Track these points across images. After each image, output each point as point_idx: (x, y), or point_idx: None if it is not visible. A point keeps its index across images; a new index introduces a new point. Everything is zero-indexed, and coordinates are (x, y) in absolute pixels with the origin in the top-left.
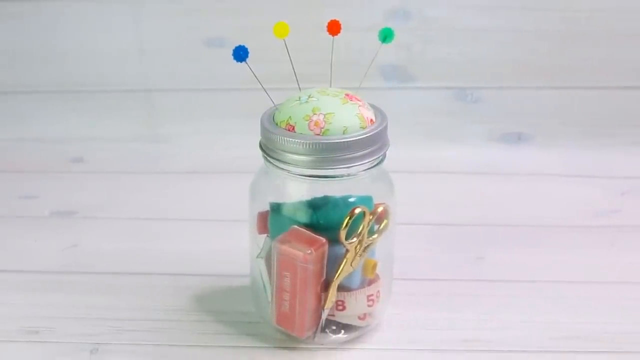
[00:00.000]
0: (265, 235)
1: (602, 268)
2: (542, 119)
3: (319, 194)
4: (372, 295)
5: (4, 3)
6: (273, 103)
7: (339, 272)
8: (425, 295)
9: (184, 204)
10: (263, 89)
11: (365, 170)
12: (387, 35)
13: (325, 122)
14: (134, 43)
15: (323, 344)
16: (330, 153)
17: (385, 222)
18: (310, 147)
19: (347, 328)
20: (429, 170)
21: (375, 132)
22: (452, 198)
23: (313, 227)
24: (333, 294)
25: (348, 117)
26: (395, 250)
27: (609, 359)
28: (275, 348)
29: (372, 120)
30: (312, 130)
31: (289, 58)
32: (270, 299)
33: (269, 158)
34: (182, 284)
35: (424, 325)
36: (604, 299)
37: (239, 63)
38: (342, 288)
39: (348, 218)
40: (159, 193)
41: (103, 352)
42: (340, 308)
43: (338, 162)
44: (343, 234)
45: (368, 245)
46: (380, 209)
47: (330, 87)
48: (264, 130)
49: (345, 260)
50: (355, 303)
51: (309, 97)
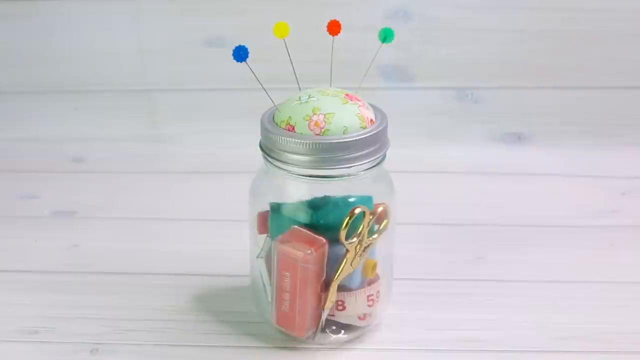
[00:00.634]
0: (265, 235)
1: (602, 268)
2: (542, 119)
3: (319, 194)
4: (372, 295)
5: (4, 3)
6: (273, 103)
7: (339, 272)
8: (425, 295)
9: (184, 204)
10: (263, 89)
11: (365, 170)
12: (387, 35)
13: (325, 122)
14: (134, 43)
15: (323, 344)
16: (330, 153)
17: (385, 222)
18: (310, 147)
19: (347, 328)
20: (429, 170)
21: (375, 132)
22: (452, 198)
23: (313, 227)
24: (333, 294)
25: (348, 117)
26: (395, 250)
27: (609, 359)
28: (275, 348)
29: (372, 120)
30: (312, 130)
31: (289, 58)
32: (270, 299)
33: (269, 158)
34: (182, 284)
35: (424, 325)
36: (604, 299)
37: (239, 63)
38: (342, 288)
39: (348, 218)
40: (159, 193)
41: (103, 352)
42: (340, 308)
43: (338, 162)
44: (343, 234)
45: (368, 245)
46: (380, 209)
47: (330, 87)
48: (264, 130)
49: (345, 260)
50: (355, 303)
51: (309, 97)
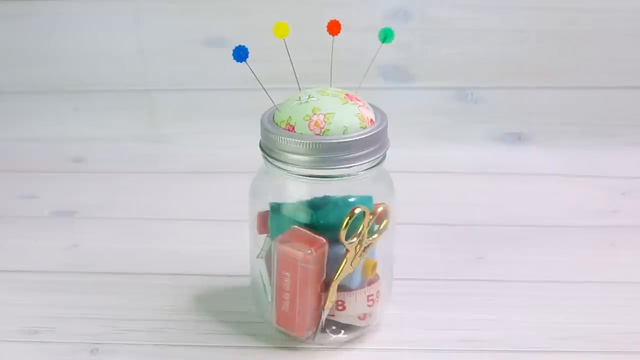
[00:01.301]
0: (265, 235)
1: (602, 268)
2: (542, 119)
3: (319, 194)
4: (372, 295)
5: (4, 3)
6: (273, 103)
7: (339, 272)
8: (425, 295)
9: (184, 204)
10: (263, 89)
11: (366, 170)
12: (387, 35)
13: (325, 122)
14: (134, 43)
15: (323, 344)
16: (330, 153)
17: (385, 222)
18: (310, 147)
19: (347, 328)
20: (429, 170)
21: (375, 132)
22: (452, 198)
23: (313, 227)
24: (333, 294)
25: (348, 117)
26: (395, 250)
27: (609, 359)
28: (275, 348)
29: (372, 120)
30: (312, 130)
31: (289, 58)
32: (271, 299)
33: (269, 158)
34: (182, 284)
35: (424, 325)
36: (604, 299)
37: (239, 63)
38: (342, 288)
39: (348, 218)
40: (159, 193)
41: (103, 352)
42: (340, 308)
43: (338, 162)
44: (343, 234)
45: (368, 245)
46: (380, 209)
47: (330, 87)
48: (264, 130)
49: (345, 260)
50: (355, 303)
51: (309, 97)
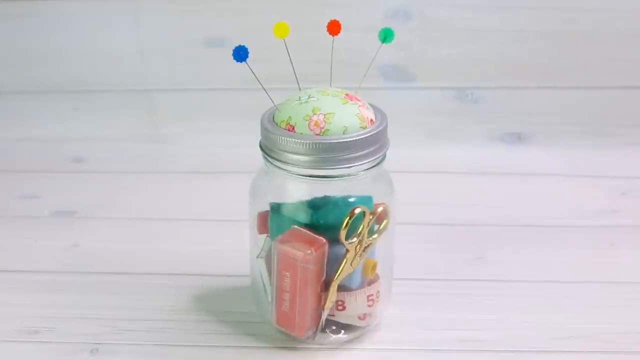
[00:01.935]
0: (265, 235)
1: (602, 268)
2: (542, 119)
3: (319, 194)
4: (372, 295)
5: (4, 3)
6: (273, 103)
7: (339, 272)
8: (425, 295)
9: (184, 204)
10: (263, 89)
11: (365, 170)
12: (387, 35)
13: (325, 122)
14: (134, 43)
15: (323, 344)
16: (330, 153)
17: (385, 222)
18: (310, 147)
19: (347, 328)
20: (429, 170)
21: (375, 132)
22: (452, 198)
23: (313, 227)
24: (333, 294)
25: (348, 117)
26: (395, 250)
27: (609, 359)
28: (275, 348)
29: (372, 120)
30: (312, 130)
31: (289, 58)
32: (271, 299)
33: (269, 158)
34: (182, 284)
35: (424, 325)
36: (604, 299)
37: (239, 63)
38: (342, 288)
39: (348, 218)
40: (159, 193)
41: (103, 352)
42: (340, 308)
43: (338, 162)
44: (343, 234)
45: (368, 245)
46: (380, 209)
47: (330, 87)
48: (264, 130)
49: (345, 260)
50: (355, 303)
51: (309, 97)
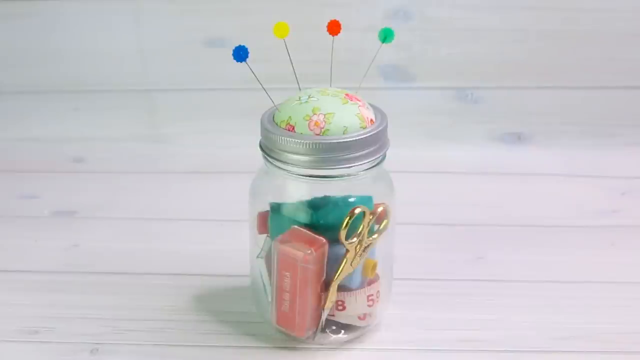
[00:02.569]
0: (265, 235)
1: (602, 268)
2: (542, 119)
3: (319, 194)
4: (372, 295)
5: (4, 3)
6: (273, 103)
7: (339, 272)
8: (425, 295)
9: (184, 204)
10: (263, 89)
11: (365, 170)
12: (387, 35)
13: (325, 122)
14: (134, 43)
15: (323, 344)
16: (330, 153)
17: (385, 222)
18: (310, 147)
19: (347, 328)
20: (429, 170)
21: (375, 132)
22: (452, 198)
23: (313, 227)
24: (333, 294)
25: (348, 117)
26: (395, 250)
27: (609, 359)
28: (275, 348)
29: (372, 120)
30: (312, 130)
31: (289, 58)
32: (271, 299)
33: (269, 158)
34: (182, 284)
35: (424, 325)
36: (604, 299)
37: (239, 63)
38: (342, 288)
39: (348, 218)
40: (159, 193)
41: (103, 352)
42: (340, 308)
43: (338, 162)
44: (343, 234)
45: (368, 245)
46: (380, 209)
47: (330, 87)
48: (264, 130)
49: (345, 260)
50: (355, 303)
51: (309, 97)
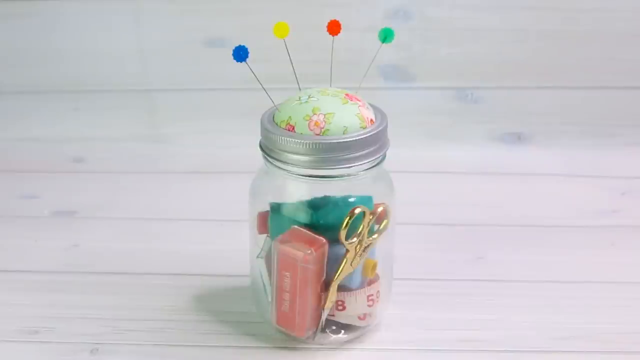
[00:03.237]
0: (265, 235)
1: (602, 268)
2: (542, 119)
3: (319, 194)
4: (372, 295)
5: (4, 3)
6: (273, 103)
7: (339, 272)
8: (425, 295)
9: (184, 204)
10: (263, 89)
11: (366, 170)
12: (387, 35)
13: (325, 122)
14: (134, 43)
15: (323, 344)
16: (330, 153)
17: (385, 222)
18: (310, 147)
19: (347, 328)
20: (429, 170)
21: (375, 132)
22: (452, 198)
23: (313, 227)
24: (333, 294)
25: (348, 117)
26: (395, 250)
27: (609, 359)
28: (275, 348)
29: (372, 120)
30: (312, 130)
31: (289, 58)
32: (271, 299)
33: (269, 158)
34: (182, 284)
35: (424, 325)
36: (604, 299)
37: (239, 63)
38: (342, 288)
39: (348, 218)
40: (159, 193)
41: (103, 352)
42: (340, 308)
43: (338, 162)
44: (343, 234)
45: (368, 245)
46: (380, 209)
47: (330, 87)
48: (264, 131)
49: (345, 260)
50: (355, 303)
51: (309, 97)
